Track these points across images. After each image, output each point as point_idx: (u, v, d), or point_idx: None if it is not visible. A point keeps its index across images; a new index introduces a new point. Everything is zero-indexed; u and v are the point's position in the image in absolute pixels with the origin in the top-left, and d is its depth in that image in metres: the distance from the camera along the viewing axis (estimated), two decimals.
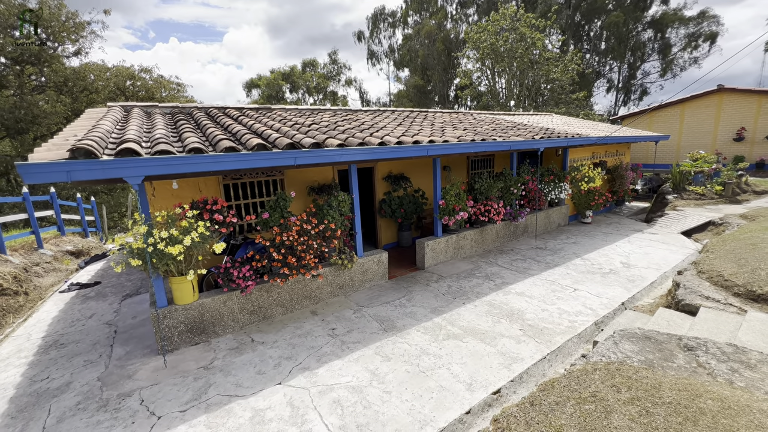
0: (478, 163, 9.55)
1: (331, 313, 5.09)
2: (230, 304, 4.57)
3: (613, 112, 35.13)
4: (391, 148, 5.13)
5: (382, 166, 7.87)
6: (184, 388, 3.57)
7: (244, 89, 40.98)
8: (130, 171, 3.37)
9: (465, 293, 5.58)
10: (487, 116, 11.13)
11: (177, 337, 4.25)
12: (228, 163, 3.79)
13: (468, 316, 4.85)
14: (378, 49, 46.19)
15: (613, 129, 11.26)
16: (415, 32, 41.24)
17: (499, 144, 6.67)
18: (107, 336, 4.75)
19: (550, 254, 7.33)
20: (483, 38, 23.66)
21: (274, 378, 3.68)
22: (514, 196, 7.95)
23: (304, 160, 4.39)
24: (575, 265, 6.61)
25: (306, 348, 4.22)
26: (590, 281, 5.87)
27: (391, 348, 4.15)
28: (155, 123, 5.09)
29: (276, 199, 4.86)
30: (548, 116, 14.20)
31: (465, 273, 6.44)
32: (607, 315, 4.79)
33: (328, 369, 3.80)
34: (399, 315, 4.95)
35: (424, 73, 41.29)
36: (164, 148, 3.56)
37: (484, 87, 28.46)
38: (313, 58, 41.43)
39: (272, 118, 6.55)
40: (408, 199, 7.68)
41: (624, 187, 10.72)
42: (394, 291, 5.78)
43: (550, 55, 23.96)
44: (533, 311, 4.90)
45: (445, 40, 37.83)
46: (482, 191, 7.42)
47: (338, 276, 5.53)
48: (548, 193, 8.73)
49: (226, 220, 4.22)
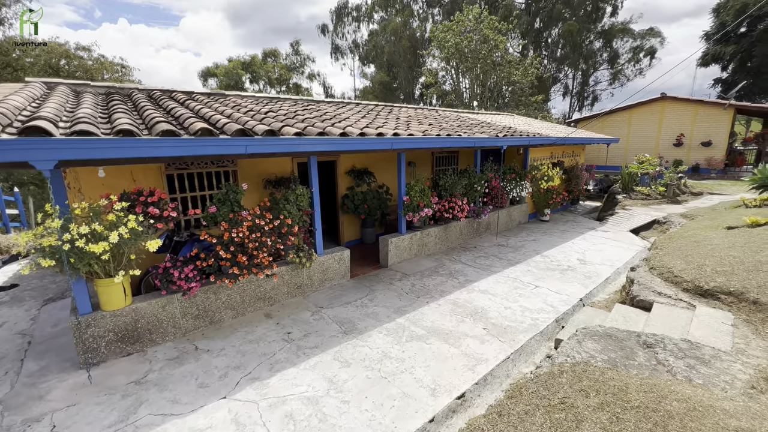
0: (443, 160, 9.49)
1: (288, 315, 4.72)
2: (170, 308, 4.06)
3: (568, 116, 37.07)
4: (354, 139, 4.83)
5: (345, 160, 7.54)
6: (109, 408, 3.07)
7: (200, 78, 38.59)
8: (38, 153, 2.81)
9: (429, 292, 5.43)
10: (453, 113, 11.13)
11: (105, 348, 3.70)
12: (165, 149, 3.31)
13: (432, 315, 4.69)
14: (342, 43, 45.37)
15: (571, 131, 11.70)
16: (381, 28, 40.96)
17: (465, 140, 6.59)
18: (18, 348, 4.06)
19: (511, 251, 7.39)
20: (448, 38, 23.89)
21: (218, 391, 3.28)
22: (478, 193, 7.95)
23: (256, 148, 3.98)
24: (536, 262, 6.70)
25: (257, 355, 3.84)
26: (550, 278, 5.94)
27: (351, 352, 3.88)
28: (82, 102, 4.43)
29: (225, 191, 4.40)
30: (510, 116, 14.54)
31: (429, 271, 6.30)
32: (567, 312, 4.84)
33: (281, 378, 3.46)
34: (360, 316, 4.69)
35: (390, 69, 41.18)
36: (85, 128, 3.03)
37: (449, 86, 28.83)
38: (274, 48, 39.92)
39: (225, 104, 6.01)
40: (372, 194, 7.42)
41: (579, 187, 11.17)
42: (356, 290, 5.50)
43: (511, 58, 24.70)
44: (497, 309, 4.84)
45: (411, 38, 37.93)
46: (447, 188, 7.33)
47: (296, 275, 5.16)
48: (510, 191, 8.84)
49: (164, 214, 3.72)
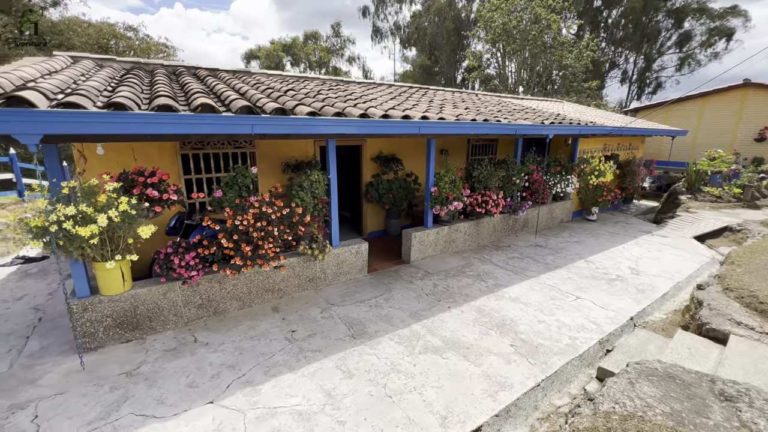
0: (479, 149, 8.73)
1: (295, 310, 4.40)
2: (172, 296, 3.86)
3: (625, 104, 33.83)
4: (375, 121, 4.32)
5: (371, 145, 7.05)
6: (94, 402, 2.89)
7: (243, 60, 39.29)
8: (20, 126, 2.58)
9: (452, 295, 4.88)
10: (494, 98, 10.22)
11: (102, 333, 3.56)
12: (157, 126, 3.00)
13: (452, 323, 4.16)
14: (383, 25, 44.15)
15: (629, 120, 10.38)
16: (425, 9, 39.32)
17: (504, 126, 5.84)
18: (28, 325, 4.06)
19: (550, 254, 6.61)
20: (495, 18, 22.28)
21: (206, 394, 3.00)
22: (516, 187, 7.17)
23: (264, 128, 3.59)
24: (578, 268, 5.91)
25: (255, 354, 3.54)
26: (594, 288, 5.18)
27: (356, 361, 3.47)
28: (96, 75, 4.25)
29: (234, 174, 4.08)
30: (559, 103, 13.24)
31: (455, 270, 5.73)
32: (614, 332, 4.12)
33: (275, 385, 3.13)
34: (373, 318, 4.27)
35: (432, 53, 39.63)
36: (74, 101, 2.76)
37: (493, 70, 27.15)
38: (315, 30, 39.67)
39: (246, 82, 5.69)
40: (398, 183, 6.90)
41: (635, 184, 9.93)
42: (371, 287, 5.08)
43: (564, 40, 22.63)
44: (528, 322, 4.22)
45: (456, 19, 36.07)
46: (481, 179, 6.63)
47: (308, 267, 4.81)
48: (554, 186, 7.94)
49: (163, 197, 3.46)
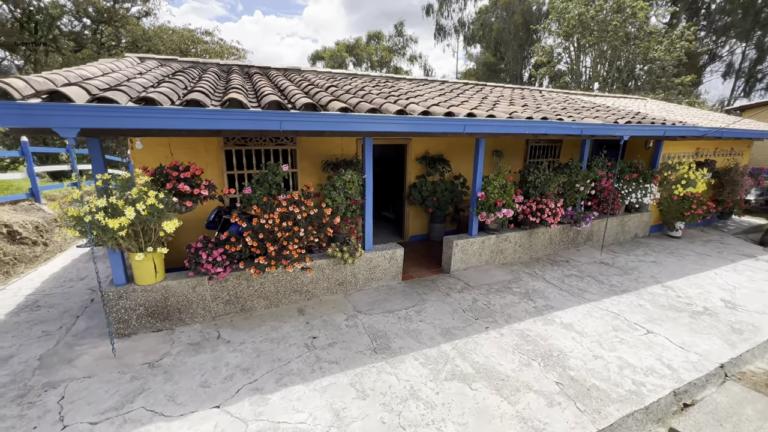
0: (539, 151, 7.90)
1: (320, 315, 4.23)
2: (201, 290, 3.90)
3: (728, 102, 29.04)
4: (413, 118, 3.96)
5: (416, 144, 6.69)
6: (113, 390, 2.96)
7: (309, 61, 41.01)
8: (58, 120, 2.69)
9: (492, 314, 4.36)
10: (560, 95, 9.22)
11: (135, 321, 3.70)
12: (183, 120, 2.97)
13: (488, 348, 3.67)
14: (446, 23, 43.14)
15: (732, 120, 8.69)
16: (492, 3, 37.65)
17: (565, 126, 5.11)
18: (81, 305, 4.40)
19: (618, 274, 5.69)
20: (569, 8, 20.41)
21: (215, 396, 2.92)
22: (580, 195, 6.31)
23: (292, 125, 3.44)
24: (652, 295, 4.98)
25: (272, 359, 3.41)
26: (672, 322, 4.28)
27: (373, 379, 3.18)
28: (149, 72, 4.47)
29: (265, 172, 4.01)
30: (641, 100, 11.62)
31: (499, 285, 5.16)
32: (696, 382, 3.31)
33: (284, 396, 2.95)
34: (399, 332, 3.93)
35: (497, 49, 37.82)
36: (109, 95, 2.83)
37: (565, 66, 24.99)
38: (378, 30, 39.99)
39: (291, 79, 5.69)
40: (443, 186, 6.46)
41: (736, 197, 8.28)
42: (404, 297, 4.74)
43: (652, 30, 19.98)
44: (581, 356, 3.57)
45: (526, 12, 33.95)
46: (537, 185, 5.93)
47: (338, 270, 4.62)
48: (627, 195, 6.87)
49: (194, 191, 3.48)
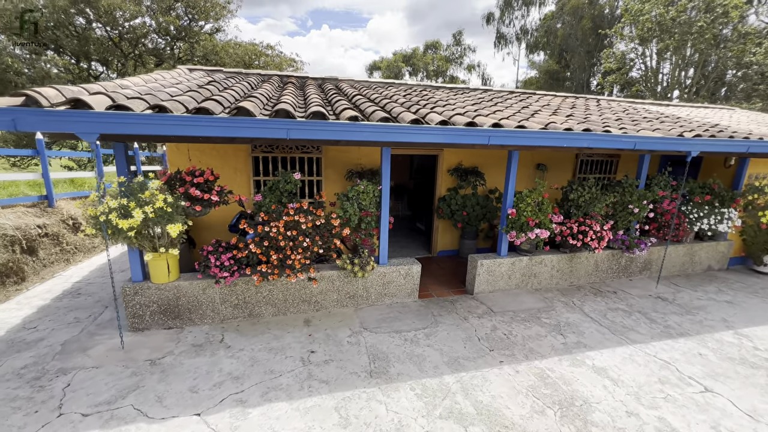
0: (591, 166, 7.14)
1: (325, 328, 4.10)
2: (210, 292, 3.99)
3: None
4: (429, 128, 3.71)
5: (449, 155, 6.38)
6: (112, 384, 3.09)
7: (366, 71, 42.11)
8: (80, 126, 2.90)
9: (511, 346, 3.90)
10: (622, 104, 8.27)
11: (149, 317, 3.88)
12: (190, 128, 3.05)
13: (497, 386, 3.26)
14: (508, 31, 41.72)
15: None
16: (558, 8, 35.70)
17: (613, 139, 4.48)
18: (112, 297, 4.75)
19: (678, 312, 4.84)
20: (645, 9, 18.52)
21: (199, 404, 2.91)
22: (635, 217, 5.51)
23: (299, 133, 3.39)
24: (720, 343, 4.12)
25: (264, 370, 3.35)
26: (742, 380, 3.48)
27: (360, 406, 2.95)
28: (186, 82, 4.76)
29: (277, 179, 4.02)
30: (727, 111, 10.05)
31: (527, 313, 4.64)
32: None
33: (264, 413, 2.85)
34: (402, 355, 3.66)
35: (562, 56, 35.69)
36: (124, 104, 3.00)
37: (638, 72, 22.68)
38: (436, 40, 39.89)
39: (323, 88, 5.74)
40: (475, 200, 6.05)
41: None
42: (416, 317, 4.45)
43: (750, 30, 17.37)
44: (610, 410, 3.01)
45: (596, 17, 31.63)
46: (580, 204, 5.29)
47: (349, 283, 4.48)
48: (697, 221, 5.88)
49: (204, 196, 3.57)
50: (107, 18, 13.44)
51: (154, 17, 14.81)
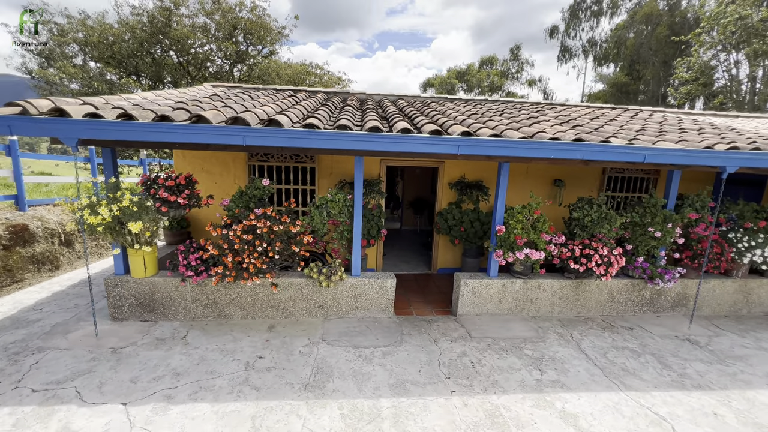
0: (622, 183, 6.35)
1: (285, 336, 4.07)
2: (182, 290, 4.21)
3: None
4: (386, 136, 3.58)
5: (450, 168, 6.11)
6: (71, 366, 3.36)
7: (420, 88, 42.56)
8: (60, 131, 3.29)
9: (473, 376, 3.51)
10: (669, 115, 7.28)
11: (127, 309, 4.19)
12: (151, 134, 3.29)
13: (435, 417, 2.93)
14: (573, 44, 39.55)
15: None
16: (630, 17, 33.04)
17: (613, 150, 3.90)
18: None
19: (705, 360, 3.99)
20: (730, 12, 16.30)
21: (131, 394, 3.03)
22: (658, 242, 4.73)
23: (254, 140, 3.48)
24: (750, 402, 3.29)
25: (206, 370, 3.40)
26: None
27: (276, 419, 2.84)
28: (205, 95, 5.19)
29: (248, 186, 4.16)
30: None
31: (509, 342, 4.17)
32: None
33: (185, 411, 2.87)
34: (347, 372, 3.49)
35: (633, 67, 32.76)
36: (98, 112, 3.35)
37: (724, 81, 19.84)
38: (492, 55, 39.09)
39: (331, 102, 5.89)
40: (475, 215, 5.68)
41: None
42: (383, 333, 4.23)
43: None
44: None
45: (674, 25, 28.64)
46: (586, 224, 4.69)
47: (318, 293, 4.42)
48: (746, 251, 4.87)
49: (170, 198, 3.81)
50: (178, 46, 15.36)
51: (218, 43, 16.59)
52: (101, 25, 14.78)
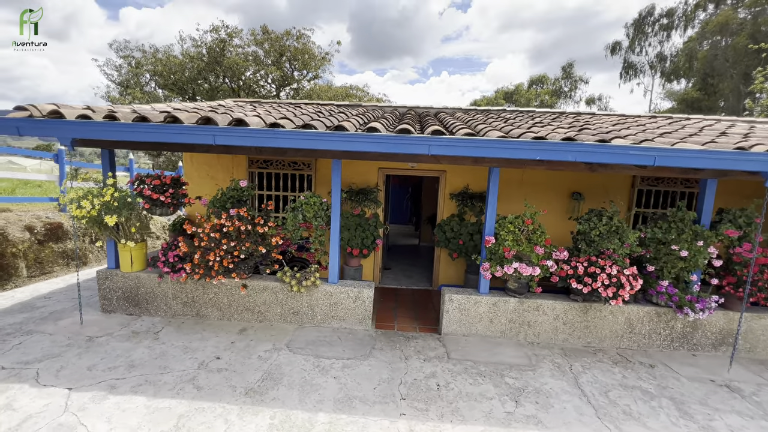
0: (658, 197, 5.56)
1: (252, 339, 3.98)
2: (164, 287, 4.34)
3: None
4: (347, 135, 3.46)
5: (453, 177, 5.80)
6: (46, 349, 3.55)
7: None
8: (57, 132, 3.63)
9: (434, 400, 3.11)
10: (704, 122, 6.30)
11: (115, 301, 4.40)
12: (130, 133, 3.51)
13: None
14: (638, 59, 36.98)
15: None
16: (701, 28, 30.21)
17: (612, 151, 3.38)
18: None
19: (745, 413, 3.16)
20: None
21: (81, 380, 3.10)
22: (687, 263, 3.97)
23: (223, 139, 3.56)
24: None
25: (161, 365, 3.40)
26: None
27: (202, 421, 2.71)
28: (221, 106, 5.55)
29: (228, 187, 4.25)
30: None
31: (491, 368, 3.68)
32: None
33: (119, 403, 2.86)
34: (297, 381, 3.27)
35: (705, 81, 29.63)
36: (88, 114, 3.66)
37: None
38: (542, 74, 37.77)
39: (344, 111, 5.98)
40: (474, 228, 5.27)
41: None
42: (353, 346, 3.96)
43: None
44: None
45: (755, 33, 25.60)
46: (593, 239, 4.09)
47: (292, 298, 4.31)
48: None
49: (153, 196, 3.99)
50: (229, 73, 16.90)
51: (266, 69, 17.98)
52: (168, 57, 16.81)
